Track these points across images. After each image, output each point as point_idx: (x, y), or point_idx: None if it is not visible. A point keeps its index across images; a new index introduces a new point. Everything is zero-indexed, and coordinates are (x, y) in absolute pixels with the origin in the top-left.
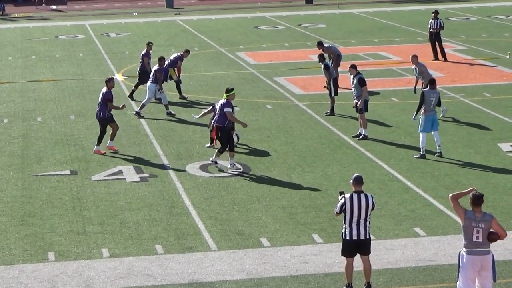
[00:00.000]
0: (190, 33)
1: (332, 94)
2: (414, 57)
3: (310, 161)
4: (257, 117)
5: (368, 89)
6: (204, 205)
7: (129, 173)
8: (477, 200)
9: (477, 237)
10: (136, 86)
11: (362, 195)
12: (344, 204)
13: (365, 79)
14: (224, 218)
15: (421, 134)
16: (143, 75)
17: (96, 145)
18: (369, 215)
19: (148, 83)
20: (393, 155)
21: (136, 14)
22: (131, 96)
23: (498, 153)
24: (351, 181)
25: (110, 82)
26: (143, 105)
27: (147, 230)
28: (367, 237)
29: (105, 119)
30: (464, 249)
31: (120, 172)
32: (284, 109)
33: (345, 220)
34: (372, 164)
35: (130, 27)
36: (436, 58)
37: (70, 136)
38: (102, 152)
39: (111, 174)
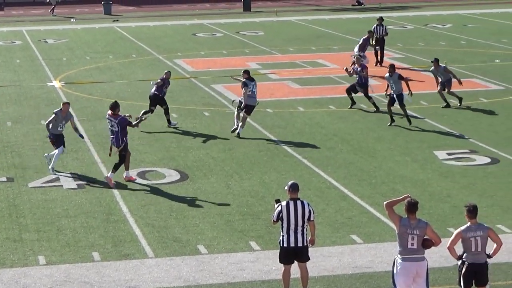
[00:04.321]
0: (128, 40)
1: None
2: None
3: (247, 169)
4: (194, 124)
5: (306, 97)
6: (141, 212)
7: (66, 180)
8: (412, 207)
9: (412, 244)
10: None
11: (299, 202)
12: (280, 211)
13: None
14: (161, 225)
15: None
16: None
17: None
18: (307, 222)
19: None
20: (331, 162)
21: (74, 20)
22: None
23: (434, 161)
24: (286, 188)
25: None
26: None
27: (84, 237)
28: (304, 244)
29: None
30: (399, 256)
31: (57, 179)
32: (222, 117)
33: (282, 227)
34: (309, 171)
35: (68, 34)
36: (380, 64)
37: (6, 143)
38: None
39: (48, 181)
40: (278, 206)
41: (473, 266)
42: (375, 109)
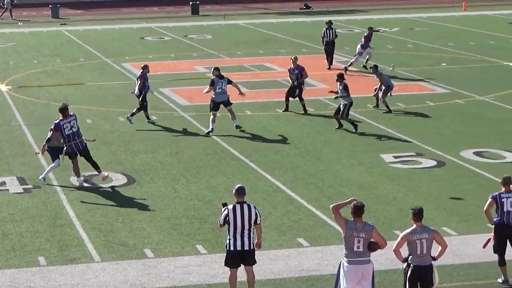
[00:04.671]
0: (75, 44)
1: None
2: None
3: (194, 172)
4: (142, 128)
5: (253, 100)
6: (88, 216)
7: (12, 184)
8: (358, 210)
9: (358, 247)
10: None
11: (245, 206)
12: (227, 215)
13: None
14: (108, 229)
15: None
16: None
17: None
18: (253, 226)
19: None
20: (278, 166)
21: (22, 24)
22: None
23: (381, 164)
24: (233, 191)
25: None
26: None
27: (30, 242)
28: (251, 247)
29: None
30: (345, 258)
31: (3, 183)
32: (169, 120)
33: (229, 231)
34: (256, 175)
35: (15, 37)
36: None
37: None
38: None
39: None
40: (225, 209)
41: (418, 269)
42: (304, 112)
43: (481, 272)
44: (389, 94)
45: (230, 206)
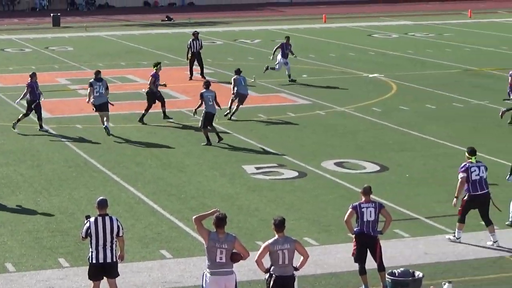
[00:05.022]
0: None
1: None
2: None
3: (56, 185)
4: (3, 141)
5: (116, 112)
6: None
7: None
8: (220, 221)
9: (221, 258)
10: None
11: (107, 218)
12: (89, 228)
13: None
14: None
15: None
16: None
17: None
18: (115, 238)
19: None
20: (140, 178)
21: None
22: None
23: (243, 175)
24: (95, 204)
25: None
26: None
27: None
28: (114, 260)
29: None
30: (208, 270)
31: None
32: (31, 132)
33: (91, 243)
34: (118, 187)
35: None
36: (191, 78)
37: None
38: None
39: None
40: (87, 222)
41: (281, 279)
42: (164, 116)
43: (342, 281)
44: (241, 102)
45: (92, 219)
